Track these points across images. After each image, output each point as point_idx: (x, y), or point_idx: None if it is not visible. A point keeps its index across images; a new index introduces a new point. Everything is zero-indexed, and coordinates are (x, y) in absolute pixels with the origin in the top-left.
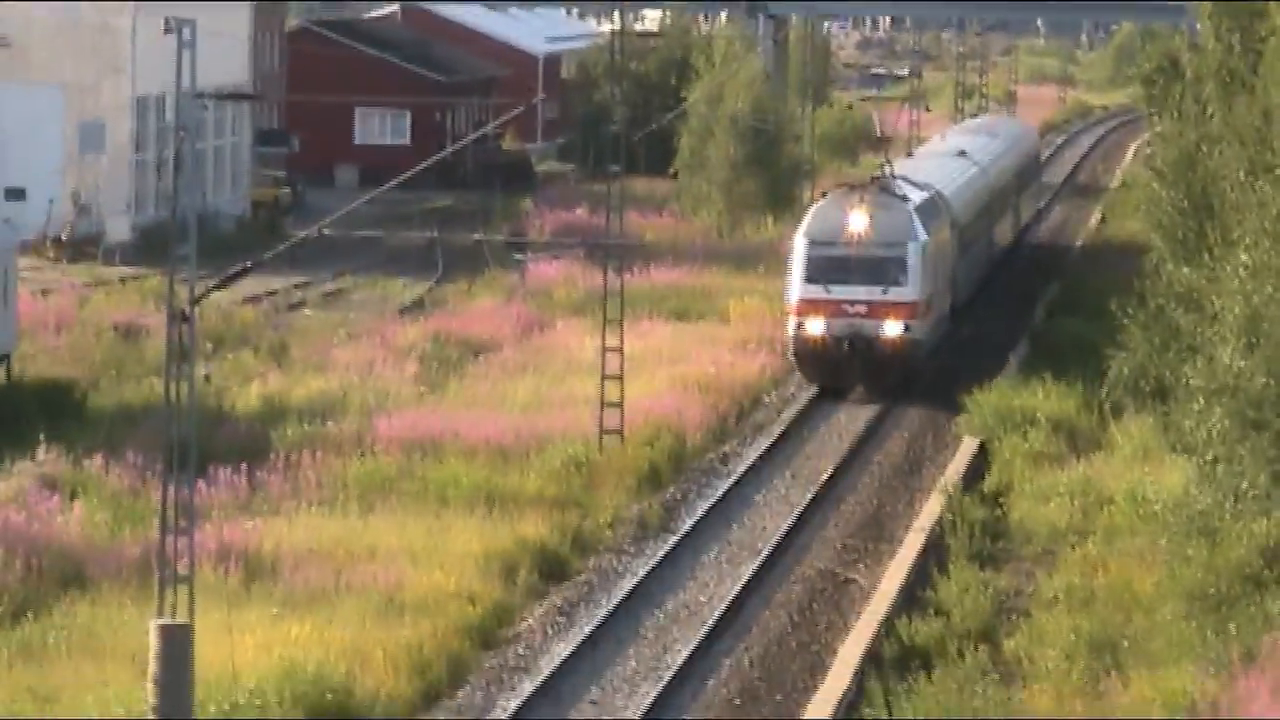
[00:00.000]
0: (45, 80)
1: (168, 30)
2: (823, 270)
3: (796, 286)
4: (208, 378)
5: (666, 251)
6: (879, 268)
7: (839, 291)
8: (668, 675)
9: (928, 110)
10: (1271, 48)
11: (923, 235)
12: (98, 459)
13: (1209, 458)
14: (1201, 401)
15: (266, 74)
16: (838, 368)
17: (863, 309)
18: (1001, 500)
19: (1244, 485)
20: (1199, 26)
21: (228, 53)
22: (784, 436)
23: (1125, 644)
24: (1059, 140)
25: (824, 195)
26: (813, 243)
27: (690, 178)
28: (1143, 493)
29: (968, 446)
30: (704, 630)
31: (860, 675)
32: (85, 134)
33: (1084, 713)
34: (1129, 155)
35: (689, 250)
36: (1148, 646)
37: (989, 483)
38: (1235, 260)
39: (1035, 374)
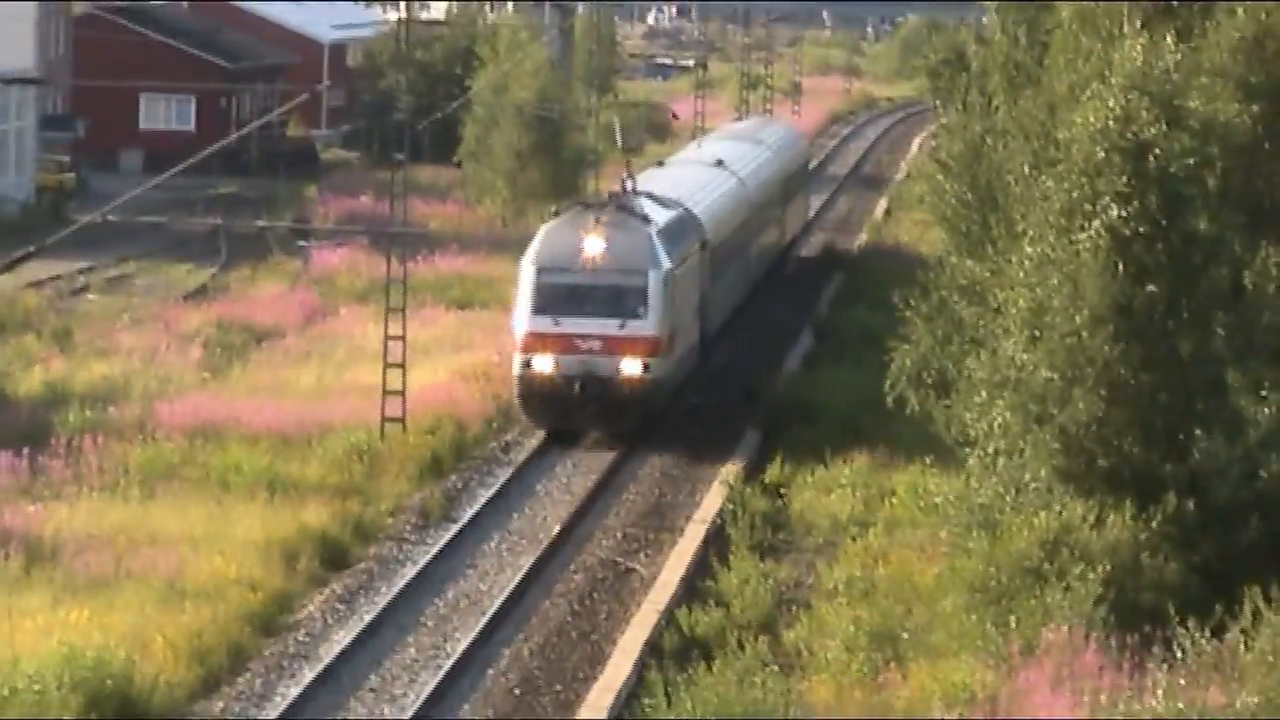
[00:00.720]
0: None
1: None
2: (552, 300)
3: (523, 318)
4: None
5: (451, 240)
6: (616, 298)
7: (570, 324)
8: (447, 664)
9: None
10: (1057, 41)
11: (666, 261)
12: None
13: (991, 451)
14: (984, 394)
15: (52, 59)
16: (568, 410)
17: (597, 344)
18: (783, 491)
19: (1026, 478)
20: (986, 20)
21: (13, 37)
22: None
23: (906, 636)
24: (845, 131)
25: (555, 213)
26: (541, 269)
27: (475, 166)
28: (924, 485)
29: (750, 438)
30: (484, 619)
31: (640, 665)
32: None
33: (863, 703)
34: (914, 147)
35: (473, 239)
36: (928, 638)
37: (771, 474)
38: (1020, 253)
39: (819, 366)
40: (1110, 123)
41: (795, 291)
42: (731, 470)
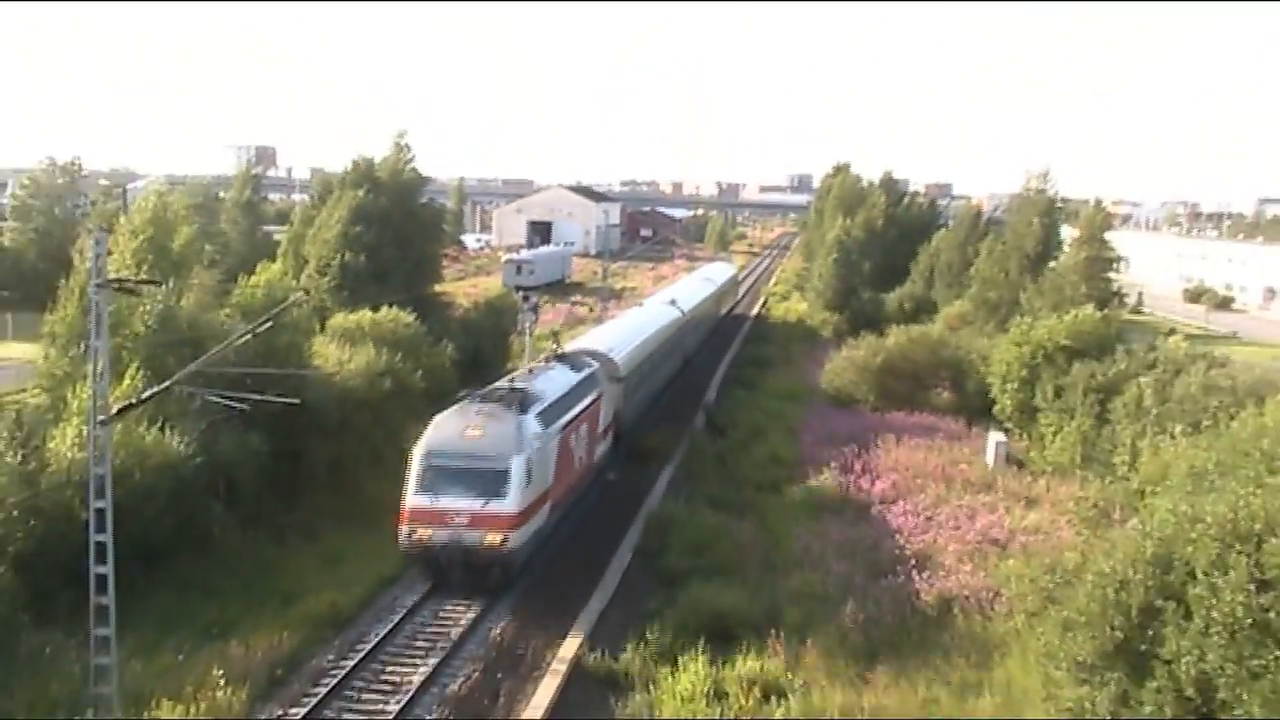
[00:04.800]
0: (571, 222)
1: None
2: (432, 481)
3: (409, 495)
4: None
5: None
6: (483, 481)
7: (445, 502)
8: None
9: None
10: None
11: (527, 446)
12: None
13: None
14: None
15: (606, 243)
16: (442, 567)
17: (465, 519)
18: None
19: None
20: None
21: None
22: None
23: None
24: None
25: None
26: (426, 453)
27: None
28: None
29: None
30: None
31: None
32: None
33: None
34: None
35: None
36: None
37: None
38: None
39: None
40: None
41: None
42: None
